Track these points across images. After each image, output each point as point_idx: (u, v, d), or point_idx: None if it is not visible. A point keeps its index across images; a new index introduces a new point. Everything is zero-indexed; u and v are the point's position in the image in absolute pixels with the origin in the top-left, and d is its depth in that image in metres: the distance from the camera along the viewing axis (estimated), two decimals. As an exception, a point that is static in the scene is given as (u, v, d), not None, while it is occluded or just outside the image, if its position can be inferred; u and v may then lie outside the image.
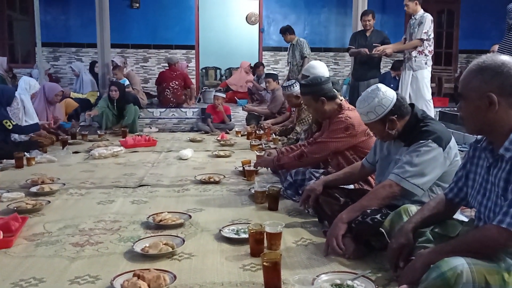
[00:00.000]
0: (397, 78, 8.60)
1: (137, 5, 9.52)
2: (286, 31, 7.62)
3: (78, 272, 2.01)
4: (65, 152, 4.91)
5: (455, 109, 7.75)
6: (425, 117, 2.24)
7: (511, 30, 4.99)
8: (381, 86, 2.26)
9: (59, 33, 9.48)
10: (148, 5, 9.61)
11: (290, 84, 4.71)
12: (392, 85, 8.56)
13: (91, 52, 9.39)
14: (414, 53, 5.40)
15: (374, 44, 5.86)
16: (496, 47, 7.06)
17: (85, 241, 2.37)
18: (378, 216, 2.08)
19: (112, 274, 1.92)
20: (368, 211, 2.11)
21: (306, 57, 7.27)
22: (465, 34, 10.26)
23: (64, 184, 3.49)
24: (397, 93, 2.26)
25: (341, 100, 3.05)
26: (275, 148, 4.16)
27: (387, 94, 2.21)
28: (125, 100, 6.67)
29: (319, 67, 4.06)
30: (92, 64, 8.81)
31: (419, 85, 5.38)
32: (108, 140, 5.86)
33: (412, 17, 5.58)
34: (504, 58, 1.53)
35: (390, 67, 8.88)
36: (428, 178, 2.11)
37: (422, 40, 5.33)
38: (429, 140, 2.11)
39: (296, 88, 4.44)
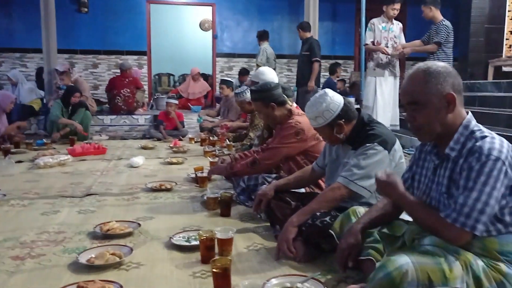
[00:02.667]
0: (335, 80, 8.88)
1: (86, 9, 9.27)
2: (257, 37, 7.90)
3: (17, 287, 1.90)
4: (7, 161, 4.66)
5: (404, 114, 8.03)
6: (371, 121, 2.30)
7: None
8: (329, 91, 2.29)
9: (1, 38, 9.08)
10: (97, 10, 9.37)
11: (242, 90, 4.71)
12: (338, 90, 8.83)
13: (37, 57, 9.04)
14: (396, 59, 5.56)
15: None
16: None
17: (26, 254, 2.26)
18: (327, 219, 2.10)
19: (54, 287, 1.83)
20: (318, 214, 2.14)
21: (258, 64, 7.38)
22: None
23: (4, 195, 3.31)
24: (344, 98, 2.31)
25: (291, 106, 3.08)
26: (228, 154, 4.14)
27: (335, 99, 2.25)
28: (78, 105, 6.48)
29: (268, 73, 4.08)
30: (40, 70, 8.46)
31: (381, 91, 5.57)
32: (54, 148, 5.64)
33: (386, 22, 5.69)
34: (439, 62, 1.63)
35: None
36: (374, 180, 2.16)
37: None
38: (375, 143, 2.16)
39: (248, 94, 4.44)
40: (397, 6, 5.58)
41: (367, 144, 2.17)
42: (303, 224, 2.15)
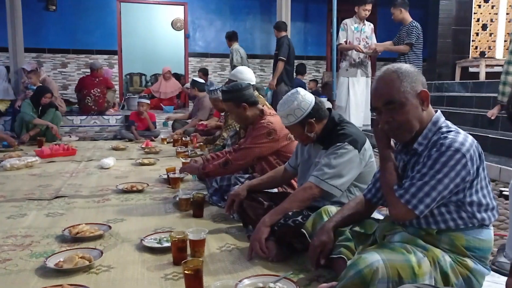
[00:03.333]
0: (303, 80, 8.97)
1: (54, 7, 9.06)
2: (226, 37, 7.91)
3: (-19, 293, 1.84)
4: (-29, 164, 4.52)
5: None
6: (342, 120, 2.33)
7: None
8: (300, 90, 2.31)
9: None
10: (65, 8, 9.17)
11: (216, 88, 4.68)
12: (310, 90, 8.90)
13: (3, 56, 8.77)
14: (368, 59, 5.61)
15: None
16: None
17: (-9, 259, 2.19)
18: (299, 218, 2.11)
19: (20, 293, 1.78)
20: (290, 213, 2.14)
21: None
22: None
23: (-31, 199, 3.21)
24: (315, 97, 2.33)
25: (263, 106, 3.08)
26: (201, 155, 4.11)
27: (306, 97, 2.27)
28: (47, 106, 6.34)
29: (246, 73, 4.08)
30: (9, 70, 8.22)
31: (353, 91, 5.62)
32: (22, 150, 5.49)
33: (359, 23, 5.74)
34: (405, 64, 1.70)
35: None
36: (346, 179, 2.19)
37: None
38: (345, 143, 2.19)
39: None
40: (369, 7, 5.65)
41: (338, 144, 2.20)
42: (275, 224, 2.16)
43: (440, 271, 1.52)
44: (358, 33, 5.73)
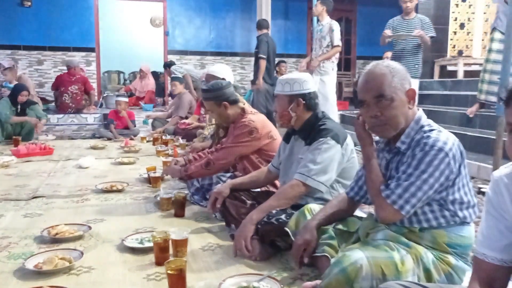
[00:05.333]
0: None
1: (29, 3, 8.84)
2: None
3: (-43, 297, 1.79)
4: None
5: (355, 112, 8.22)
6: (324, 116, 2.35)
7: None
8: (310, 76, 2.37)
9: None
10: (41, 4, 8.96)
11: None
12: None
13: (-24, 53, 8.57)
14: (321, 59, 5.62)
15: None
16: (388, 53, 7.62)
17: (-33, 261, 2.13)
18: (283, 217, 2.12)
19: (-2, 296, 1.74)
20: (274, 211, 2.15)
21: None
22: (362, 41, 10.95)
23: None
24: (316, 91, 2.38)
25: (243, 104, 3.07)
26: (182, 156, 4.06)
27: (310, 83, 2.33)
28: (29, 103, 6.21)
29: (223, 71, 4.04)
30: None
31: (326, 90, 5.59)
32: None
33: (319, 23, 5.74)
34: (393, 61, 1.71)
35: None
36: (330, 175, 2.21)
37: (339, 46, 5.52)
38: (328, 138, 2.20)
39: None
40: (317, 4, 5.65)
41: (320, 139, 2.21)
42: (258, 222, 2.15)
43: (423, 267, 1.54)
44: (318, 33, 5.72)
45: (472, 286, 1.18)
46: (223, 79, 3.60)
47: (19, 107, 6.10)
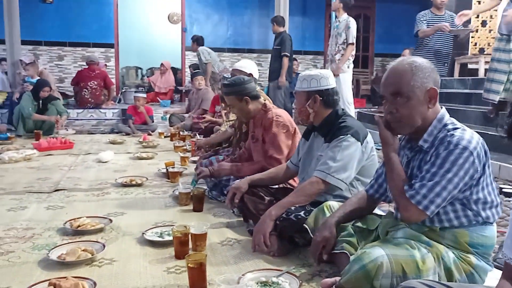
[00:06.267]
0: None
1: (50, 0, 8.99)
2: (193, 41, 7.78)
3: (-15, 284, 1.84)
4: (-30, 156, 4.50)
5: (373, 109, 8.17)
6: (344, 114, 2.34)
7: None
8: (330, 73, 2.37)
9: (-39, 28, 8.71)
10: (62, 0, 9.10)
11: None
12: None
13: (-1, 48, 8.74)
14: (337, 56, 5.58)
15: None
16: (406, 51, 7.55)
17: (-7, 251, 2.19)
18: (301, 213, 2.12)
19: (25, 285, 1.78)
20: (292, 208, 2.15)
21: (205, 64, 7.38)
22: (380, 38, 10.86)
23: (-32, 191, 3.20)
24: (335, 88, 2.36)
25: (265, 100, 3.07)
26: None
27: (330, 79, 2.33)
28: (50, 98, 6.33)
29: (249, 66, 4.02)
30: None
31: (342, 88, 5.56)
32: (19, 143, 5.47)
33: (336, 20, 5.72)
34: (421, 58, 1.66)
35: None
36: (350, 172, 2.21)
37: (353, 43, 5.49)
38: (348, 135, 2.20)
39: None
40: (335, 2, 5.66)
41: (341, 136, 2.20)
42: (277, 218, 2.16)
43: (444, 267, 1.53)
44: (334, 30, 5.73)
45: (501, 285, 1.17)
46: (250, 74, 3.62)
47: (41, 102, 6.21)
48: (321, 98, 2.29)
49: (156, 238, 2.34)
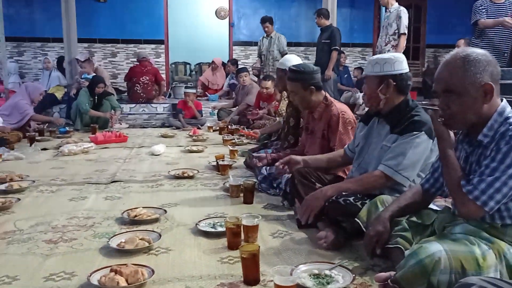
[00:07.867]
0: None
1: (104, -1, 9.33)
2: (267, 21, 7.53)
3: (52, 269, 1.96)
4: (33, 149, 4.77)
5: (424, 102, 7.93)
6: (416, 105, 2.23)
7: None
8: (402, 56, 2.24)
9: (23, 27, 9.19)
10: (115, -1, 9.42)
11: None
12: (355, 78, 8.67)
13: (57, 47, 9.15)
14: (387, 47, 5.45)
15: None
16: (461, 41, 7.25)
17: (59, 238, 2.32)
18: (351, 199, 2.11)
19: (88, 270, 1.88)
20: (343, 193, 2.14)
21: (286, 53, 7.31)
22: (432, 29, 10.49)
23: (33, 181, 3.40)
24: (408, 73, 2.24)
25: (325, 93, 3.03)
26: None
27: (404, 63, 2.20)
28: (105, 94, 6.61)
29: (296, 61, 4.03)
30: (60, 60, 8.56)
31: None
32: (77, 136, 5.74)
33: (387, 10, 5.59)
34: (479, 49, 1.58)
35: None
36: (417, 170, 2.14)
37: (405, 33, 5.36)
38: (422, 132, 2.10)
39: None
40: None
41: (414, 132, 2.10)
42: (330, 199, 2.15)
43: (506, 264, 1.48)
44: (385, 20, 5.61)
45: None
46: None
47: (96, 97, 6.48)
48: (394, 83, 2.16)
49: (209, 229, 2.41)
